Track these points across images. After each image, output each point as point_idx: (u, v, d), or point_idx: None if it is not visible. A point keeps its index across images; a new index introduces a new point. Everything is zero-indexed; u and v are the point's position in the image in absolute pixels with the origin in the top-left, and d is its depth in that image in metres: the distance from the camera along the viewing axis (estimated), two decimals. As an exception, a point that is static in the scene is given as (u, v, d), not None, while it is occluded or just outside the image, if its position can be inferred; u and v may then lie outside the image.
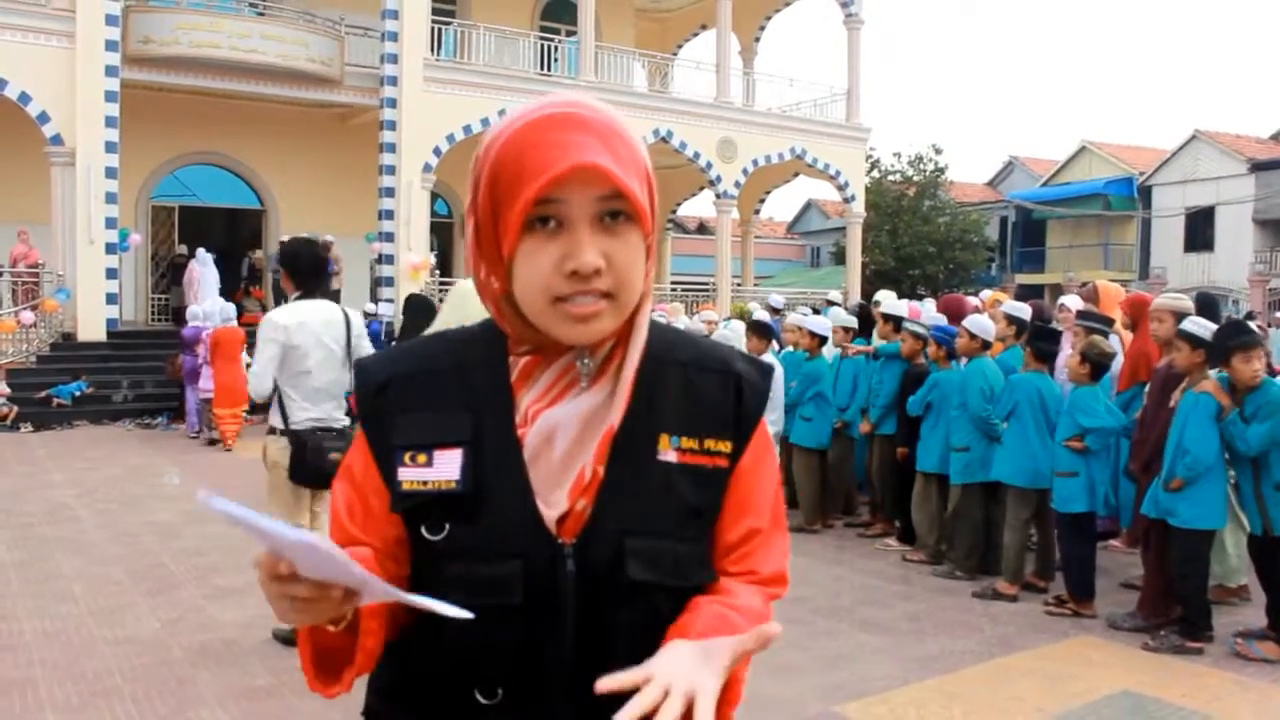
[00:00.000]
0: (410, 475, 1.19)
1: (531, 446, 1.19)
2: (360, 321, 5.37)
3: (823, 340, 8.38)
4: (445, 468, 1.18)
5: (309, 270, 5.25)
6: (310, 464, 4.95)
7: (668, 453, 1.22)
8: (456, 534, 1.17)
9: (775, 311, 13.02)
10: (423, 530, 1.19)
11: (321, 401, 5.09)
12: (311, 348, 5.04)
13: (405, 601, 1.06)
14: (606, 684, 1.05)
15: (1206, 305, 6.88)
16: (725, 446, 1.25)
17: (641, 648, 1.16)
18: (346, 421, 5.17)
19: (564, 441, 1.19)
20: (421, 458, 1.19)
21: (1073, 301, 8.05)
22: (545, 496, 1.18)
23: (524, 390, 1.22)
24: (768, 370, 1.33)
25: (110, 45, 16.49)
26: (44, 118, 16.18)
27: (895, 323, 8.13)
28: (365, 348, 5.27)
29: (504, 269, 1.17)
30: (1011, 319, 7.22)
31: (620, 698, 1.19)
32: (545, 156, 1.10)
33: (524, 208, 1.11)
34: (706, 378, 1.27)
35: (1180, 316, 6.07)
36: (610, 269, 1.13)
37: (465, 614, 1.06)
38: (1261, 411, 5.22)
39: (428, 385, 1.23)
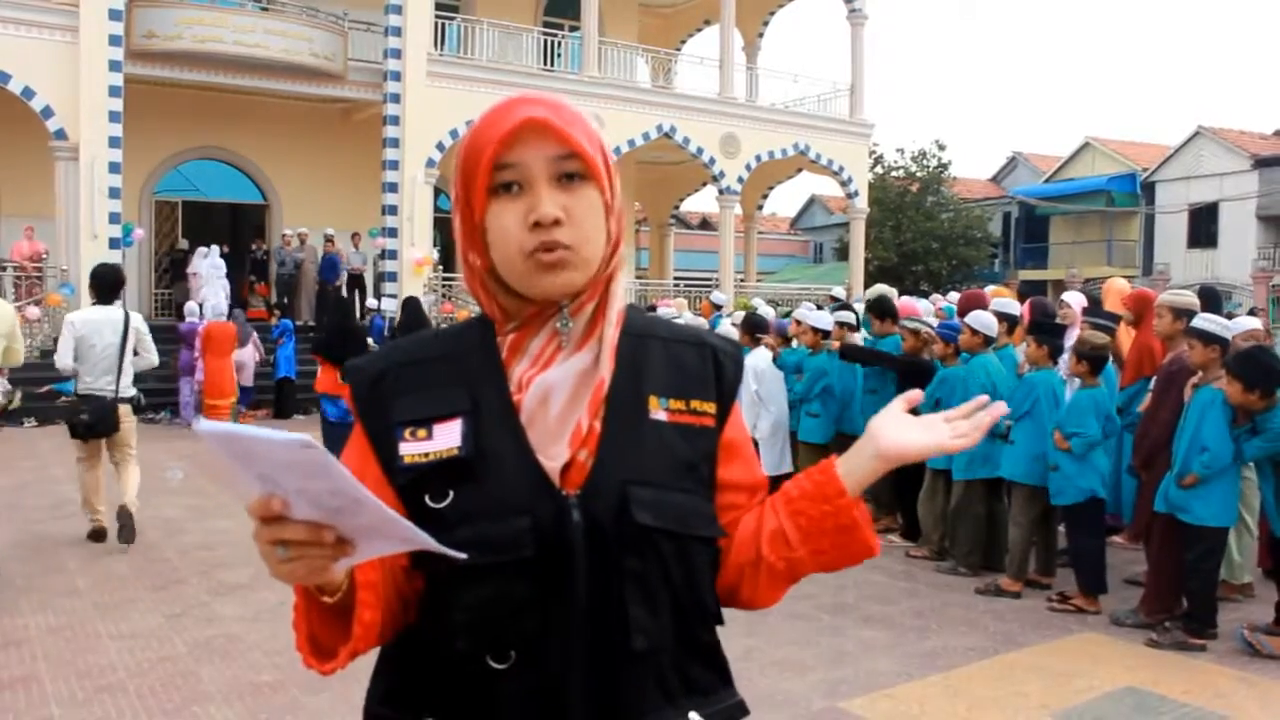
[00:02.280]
0: (411, 449, 1.24)
1: (528, 409, 1.25)
2: (139, 321, 7.20)
3: (826, 335, 8.37)
4: (446, 437, 1.23)
5: (106, 287, 7.05)
6: (94, 423, 6.80)
7: (658, 412, 1.29)
8: (461, 498, 1.21)
9: (716, 308, 13.03)
10: (426, 500, 1.22)
11: (96, 380, 6.86)
12: (96, 339, 6.83)
13: (401, 528, 1.05)
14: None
15: (1209, 299, 6.87)
16: (710, 408, 1.33)
17: (652, 597, 1.23)
18: (127, 393, 7.03)
19: (559, 400, 1.25)
20: (422, 432, 1.24)
21: (1073, 298, 8.02)
22: (545, 451, 1.24)
23: (515, 362, 1.28)
24: (738, 344, 1.45)
25: (114, 40, 16.49)
26: (48, 112, 16.19)
27: (890, 316, 8.13)
28: (146, 343, 7.20)
29: (481, 242, 1.27)
30: (1002, 316, 7.18)
31: (633, 664, 1.23)
32: (497, 125, 1.24)
33: (485, 171, 1.23)
34: (684, 349, 1.36)
35: (1178, 312, 6.06)
36: (570, 222, 1.23)
37: (460, 555, 1.10)
38: (1269, 433, 5.24)
39: (422, 371, 1.30)
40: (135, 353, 7.16)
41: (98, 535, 7.17)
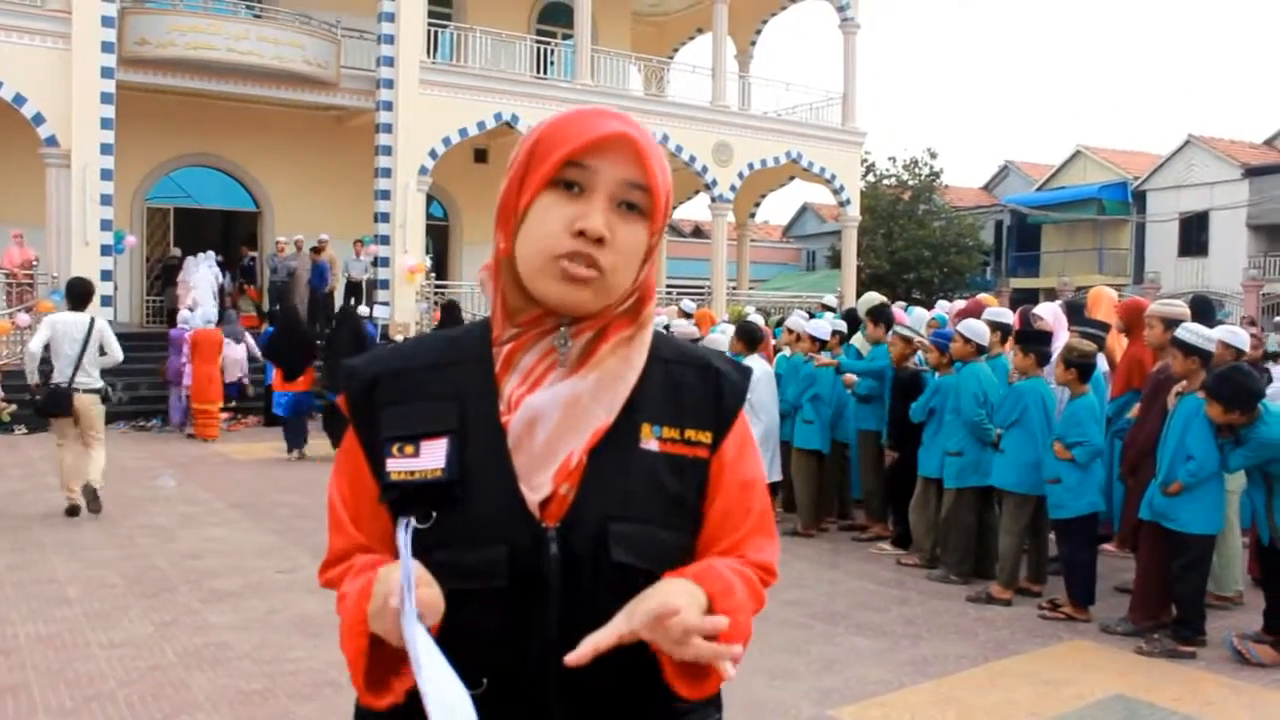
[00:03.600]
0: (398, 466, 1.22)
1: (515, 433, 1.23)
2: (103, 324, 8.35)
3: (823, 344, 8.37)
4: (431, 457, 1.22)
5: (77, 296, 8.36)
6: (48, 401, 8.14)
7: (650, 441, 1.26)
8: (442, 521, 1.20)
9: (687, 315, 13.02)
10: (412, 520, 1.21)
11: (65, 369, 8.07)
12: (64, 340, 8.07)
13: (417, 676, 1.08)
14: (579, 655, 1.10)
15: (1202, 308, 6.88)
16: (706, 437, 1.30)
17: None
18: (94, 385, 8.22)
19: (546, 428, 1.23)
20: (409, 449, 1.23)
21: (1045, 310, 7.96)
22: (529, 481, 1.21)
23: (507, 378, 1.26)
24: (746, 371, 1.39)
25: (106, 47, 16.46)
26: (39, 119, 16.15)
27: (885, 323, 8.15)
28: (110, 343, 8.30)
29: (513, 226, 1.24)
30: (995, 325, 7.20)
31: (607, 700, 1.22)
32: (589, 126, 1.22)
33: (557, 162, 1.20)
34: (687, 373, 1.32)
35: (1168, 322, 6.07)
36: (612, 246, 1.21)
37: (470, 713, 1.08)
38: (1253, 443, 5.26)
39: (415, 380, 1.28)
40: (103, 352, 8.31)
41: (72, 511, 8.32)
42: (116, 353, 8.47)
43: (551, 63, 22.38)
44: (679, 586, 1.16)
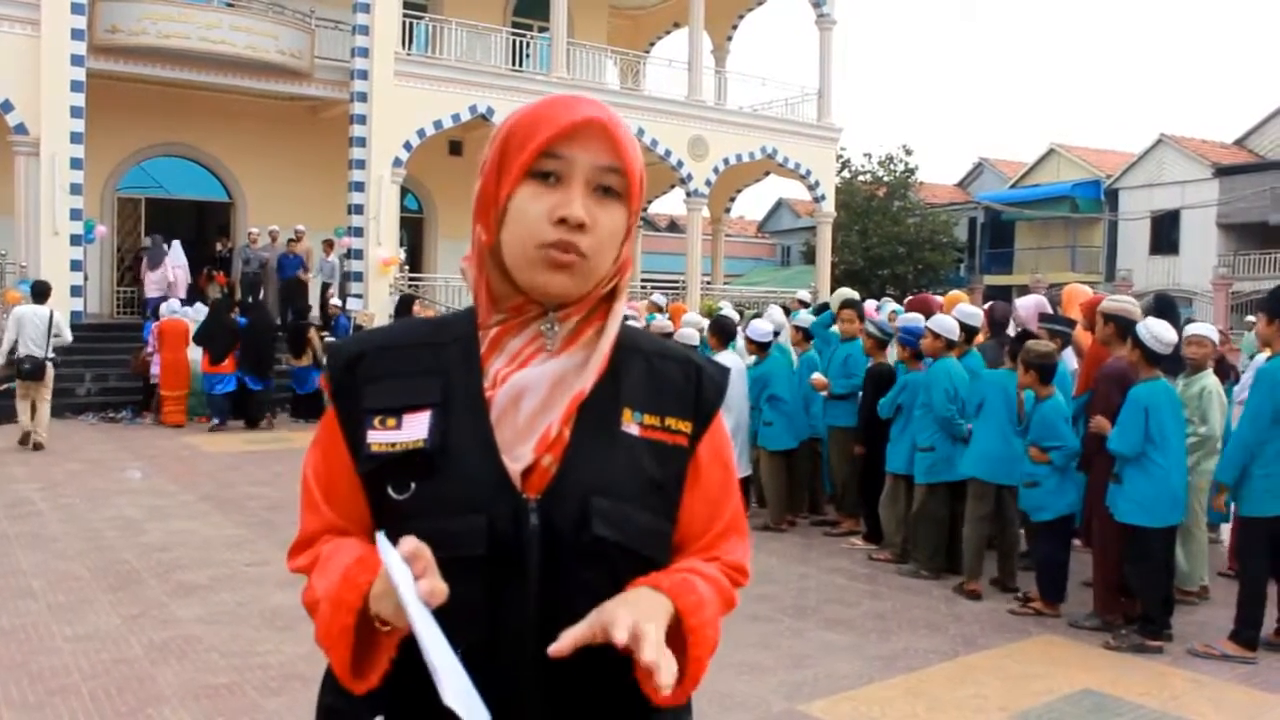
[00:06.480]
0: (379, 438, 1.23)
1: (499, 406, 1.24)
2: (60, 315, 11.76)
3: (764, 345, 8.29)
4: (414, 428, 1.22)
5: (39, 294, 11.57)
6: (32, 369, 11.26)
7: (630, 425, 1.28)
8: (422, 491, 1.20)
9: (660, 309, 13.00)
10: (389, 490, 1.22)
11: (30, 348, 11.22)
12: (29, 325, 11.22)
13: (426, 652, 1.05)
14: (560, 647, 1.10)
15: (1165, 307, 6.92)
16: (685, 426, 1.32)
17: None
18: (42, 354, 11.32)
19: (532, 401, 1.24)
20: (391, 421, 1.23)
21: (1025, 303, 7.99)
22: (510, 452, 1.22)
23: (493, 358, 1.27)
24: (725, 369, 1.41)
25: (76, 34, 16.24)
26: (7, 106, 15.94)
27: (858, 314, 8.19)
28: (62, 329, 11.63)
29: (495, 218, 1.25)
30: (963, 325, 7.19)
31: (582, 676, 1.21)
32: (561, 114, 1.23)
33: (533, 152, 1.22)
34: (669, 365, 1.34)
35: (1108, 318, 6.13)
36: (593, 231, 1.22)
37: (484, 716, 1.04)
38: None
39: (398, 357, 1.29)
40: (58, 335, 11.47)
41: (24, 439, 11.44)
42: (67, 335, 11.91)
43: (527, 55, 22.29)
44: (649, 600, 1.18)
